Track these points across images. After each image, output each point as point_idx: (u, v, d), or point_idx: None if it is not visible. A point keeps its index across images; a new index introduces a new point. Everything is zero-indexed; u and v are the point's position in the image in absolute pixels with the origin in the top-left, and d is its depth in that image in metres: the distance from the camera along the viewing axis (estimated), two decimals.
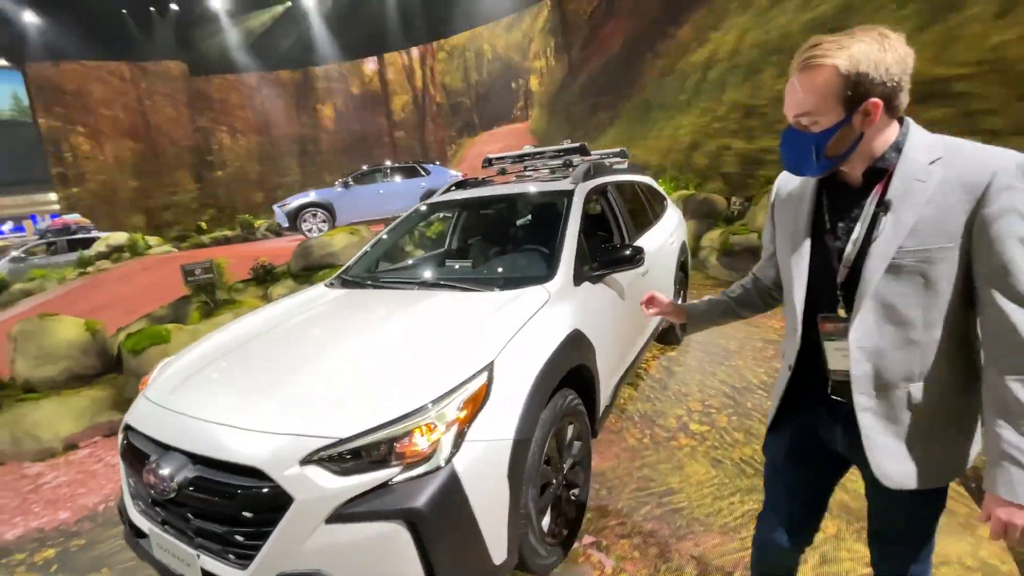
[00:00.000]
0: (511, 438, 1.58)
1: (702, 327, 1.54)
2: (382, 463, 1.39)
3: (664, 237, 3.76)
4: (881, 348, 1.03)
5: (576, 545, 2.11)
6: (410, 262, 3.65)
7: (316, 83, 18.99)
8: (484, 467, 1.50)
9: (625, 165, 3.99)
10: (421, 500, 1.35)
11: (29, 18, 16.16)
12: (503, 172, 3.78)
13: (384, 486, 1.37)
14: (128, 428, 1.74)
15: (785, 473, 1.30)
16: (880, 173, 1.02)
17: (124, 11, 16.93)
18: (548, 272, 2.28)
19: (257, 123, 19.03)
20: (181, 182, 18.29)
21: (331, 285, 2.76)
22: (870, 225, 1.02)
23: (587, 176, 2.97)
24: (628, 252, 2.45)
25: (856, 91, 0.94)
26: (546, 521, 1.90)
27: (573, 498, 2.16)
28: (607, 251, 2.49)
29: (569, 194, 2.74)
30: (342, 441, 1.39)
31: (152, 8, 17.16)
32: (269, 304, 2.76)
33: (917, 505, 1.11)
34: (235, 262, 5.47)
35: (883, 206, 1.00)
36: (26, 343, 3.71)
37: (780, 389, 1.24)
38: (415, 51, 17.98)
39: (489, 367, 1.63)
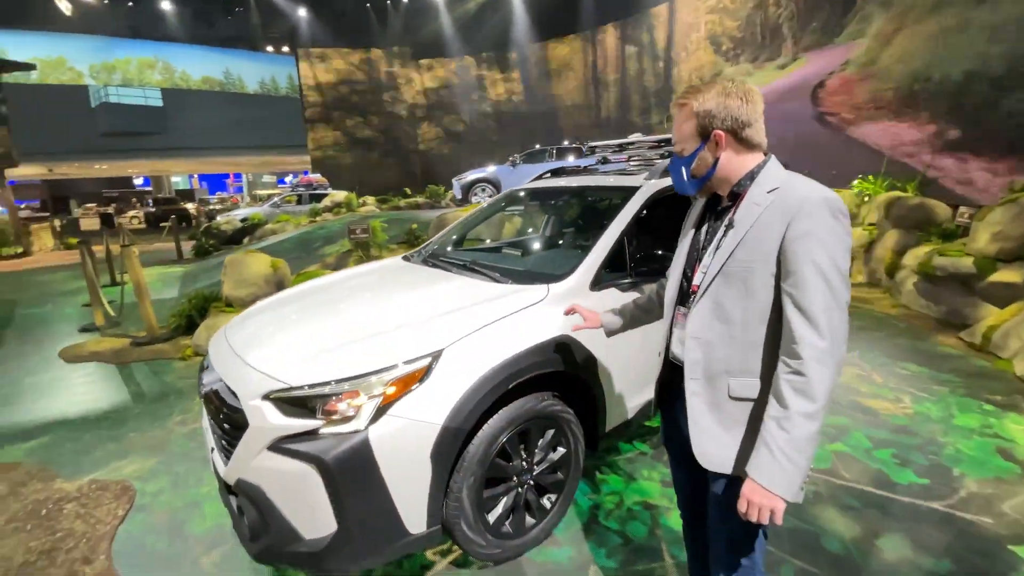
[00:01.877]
0: (439, 423, 1.67)
1: (616, 332, 1.73)
2: (313, 414, 1.63)
3: None
4: (710, 340, 1.20)
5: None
6: (474, 246, 3.82)
7: (513, 63, 20.13)
8: (401, 442, 1.63)
9: None
10: (330, 452, 1.56)
11: (300, 12, 20.63)
12: (604, 161, 3.65)
13: (312, 433, 1.61)
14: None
15: (672, 467, 1.54)
16: (737, 196, 1.21)
17: (368, 4, 20.35)
18: (563, 272, 2.22)
19: (458, 103, 21.11)
20: (394, 152, 21.56)
21: (405, 258, 3.11)
22: (721, 238, 1.21)
23: (665, 174, 2.72)
24: (663, 262, 2.22)
25: (704, 125, 1.19)
26: (495, 515, 1.95)
27: (548, 503, 2.14)
28: (647, 259, 2.29)
29: (630, 192, 2.57)
30: (291, 388, 1.67)
31: (388, 1, 20.29)
32: (357, 267, 3.25)
33: (733, 493, 1.17)
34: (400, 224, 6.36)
35: (729, 224, 1.19)
36: (231, 270, 5.01)
37: (656, 377, 1.44)
38: (613, 27, 17.56)
39: (436, 354, 1.73)
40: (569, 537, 2.17)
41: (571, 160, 10.39)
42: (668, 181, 2.69)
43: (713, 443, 1.21)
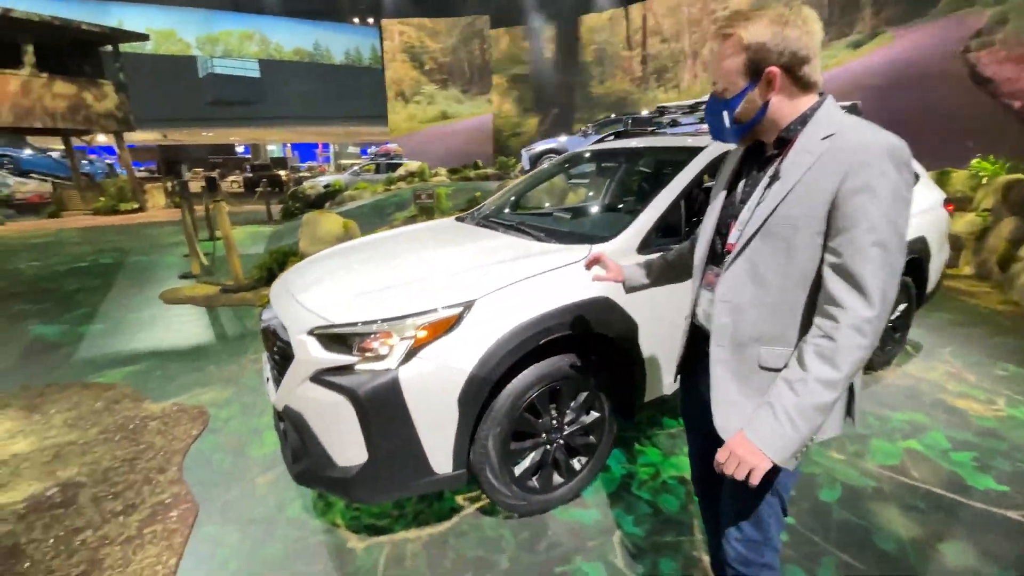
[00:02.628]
0: (467, 370, 1.70)
1: (638, 288, 1.55)
2: (350, 350, 1.71)
3: None
4: (741, 304, 1.08)
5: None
6: (527, 209, 3.76)
7: (584, 32, 19.44)
8: (429, 384, 1.68)
9: None
10: (362, 387, 1.63)
11: None
12: (674, 124, 3.46)
13: (348, 368, 1.70)
14: None
15: (689, 439, 1.48)
16: (785, 143, 1.05)
17: None
18: (609, 234, 2.15)
19: (531, 71, 20.80)
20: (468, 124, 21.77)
21: (459, 219, 3.15)
22: (763, 191, 1.06)
23: None
24: None
25: (756, 60, 1.00)
26: (522, 468, 1.97)
27: (578, 464, 2.13)
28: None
29: (693, 152, 2.42)
30: (332, 325, 1.76)
31: None
32: (413, 225, 3.34)
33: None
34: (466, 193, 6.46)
35: (774, 175, 1.04)
36: (307, 229, 5.36)
37: (681, 342, 1.34)
38: None
39: (468, 304, 1.75)
40: (597, 501, 2.16)
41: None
42: None
43: (736, 415, 1.08)
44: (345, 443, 1.70)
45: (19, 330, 4.54)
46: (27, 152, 21.13)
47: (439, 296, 1.78)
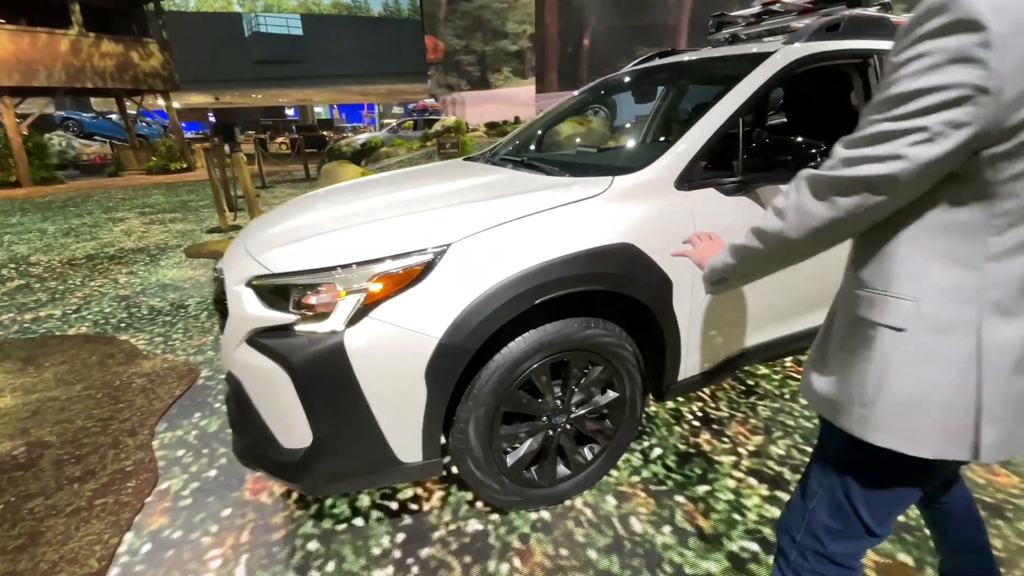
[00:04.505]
0: (436, 336, 1.29)
1: (729, 281, 1.06)
2: (290, 307, 1.33)
3: None
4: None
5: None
6: (552, 146, 3.23)
7: None
8: (385, 352, 1.28)
9: None
10: (297, 353, 1.27)
11: None
12: (735, 40, 2.79)
13: (287, 329, 1.33)
14: None
15: None
16: None
17: None
18: (640, 163, 1.64)
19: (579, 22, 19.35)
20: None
21: (467, 159, 2.70)
22: None
23: (817, 36, 1.93)
24: (797, 155, 1.55)
25: None
26: (517, 457, 1.58)
27: (590, 455, 1.72)
28: (765, 148, 1.62)
29: (757, 60, 1.84)
30: (271, 275, 1.38)
31: None
32: (418, 166, 2.91)
33: (823, 440, 0.91)
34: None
35: None
36: (326, 179, 5.07)
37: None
38: None
39: (440, 250, 1.33)
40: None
41: None
42: (817, 46, 1.90)
43: (816, 373, 0.87)
44: (287, 421, 1.36)
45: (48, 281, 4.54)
46: (89, 115, 22.09)
47: (403, 239, 1.36)
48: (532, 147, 2.67)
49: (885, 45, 2.07)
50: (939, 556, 1.25)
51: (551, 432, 1.62)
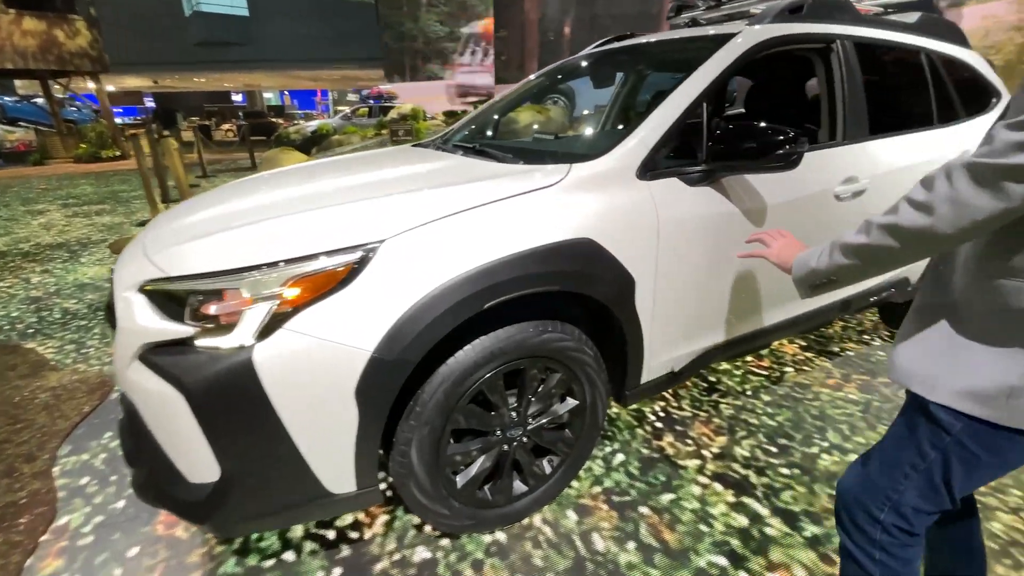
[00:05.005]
0: (367, 349, 1.11)
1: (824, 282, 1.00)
2: (188, 317, 1.12)
3: (944, 151, 2.23)
4: None
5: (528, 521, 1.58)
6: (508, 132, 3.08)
7: None
8: (305, 369, 1.09)
9: (915, 18, 2.37)
10: (194, 373, 1.05)
11: None
12: (695, 24, 2.68)
13: (185, 344, 1.11)
14: None
15: None
16: None
17: None
18: (598, 150, 1.50)
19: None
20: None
21: (416, 145, 2.50)
22: None
23: (780, 18, 1.83)
24: (763, 141, 1.43)
25: None
26: (468, 477, 1.42)
27: (549, 468, 1.59)
28: (730, 135, 1.51)
29: (719, 42, 1.73)
30: (167, 279, 1.16)
31: None
32: (359, 152, 2.68)
33: (904, 407, 0.92)
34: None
35: None
36: (266, 167, 4.71)
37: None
38: None
39: (370, 248, 1.14)
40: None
41: None
42: (780, 28, 1.81)
43: (905, 345, 0.88)
44: (189, 453, 1.15)
45: None
46: (12, 99, 20.24)
47: (327, 234, 1.16)
48: (488, 133, 2.49)
49: (849, 30, 2.01)
50: (930, 555, 1.17)
51: (506, 447, 1.47)
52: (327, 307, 1.09)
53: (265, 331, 1.06)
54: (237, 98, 40.00)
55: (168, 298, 1.16)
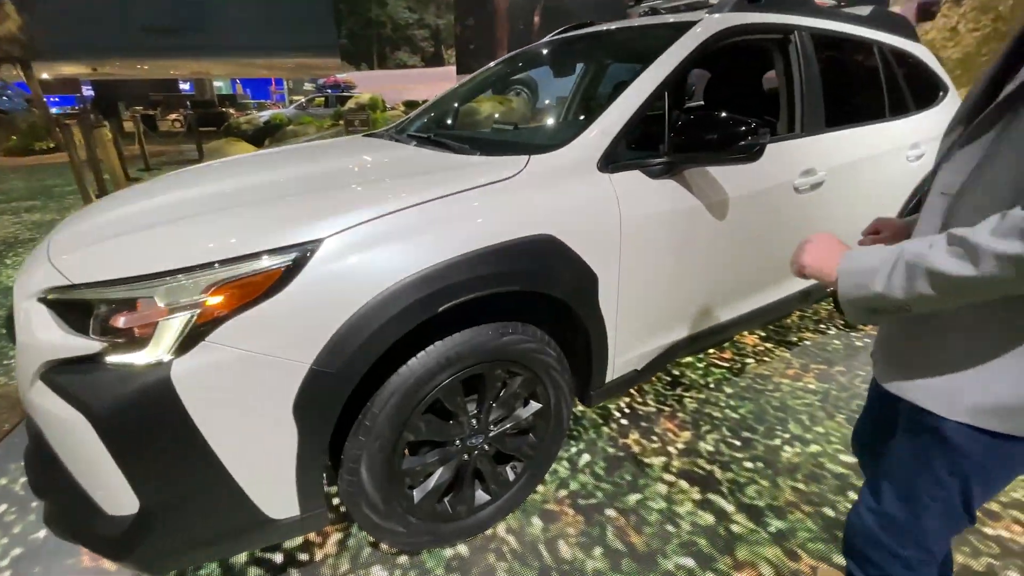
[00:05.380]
0: (305, 362, 1.00)
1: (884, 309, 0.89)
2: (94, 330, 0.98)
3: (897, 144, 2.26)
4: (954, 208, 0.73)
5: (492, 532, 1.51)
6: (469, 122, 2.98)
7: None
8: (233, 387, 0.98)
9: (868, 11, 2.40)
10: (101, 396, 0.93)
11: None
12: (653, 13, 2.63)
13: (93, 361, 0.98)
14: None
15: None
16: None
17: None
18: (557, 141, 1.43)
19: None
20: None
21: (369, 135, 2.36)
22: None
23: (739, 7, 1.80)
24: (725, 132, 1.39)
25: None
26: (426, 490, 1.34)
27: (512, 475, 1.52)
28: (692, 126, 1.46)
29: (679, 30, 1.68)
30: (71, 287, 1.02)
31: None
32: (307, 142, 2.52)
33: (905, 429, 0.84)
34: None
35: None
36: (211, 157, 4.43)
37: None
38: None
39: (307, 248, 1.03)
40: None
41: None
42: (739, 16, 1.77)
43: (898, 351, 0.83)
44: (105, 483, 1.01)
45: None
46: None
47: (257, 234, 1.04)
48: (446, 123, 2.38)
49: (806, 22, 2.00)
50: None
51: (467, 456, 1.39)
52: (257, 316, 0.98)
53: (185, 345, 0.94)
54: (185, 86, 37.97)
55: (73, 309, 1.02)
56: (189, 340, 0.94)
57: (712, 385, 2.28)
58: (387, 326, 1.06)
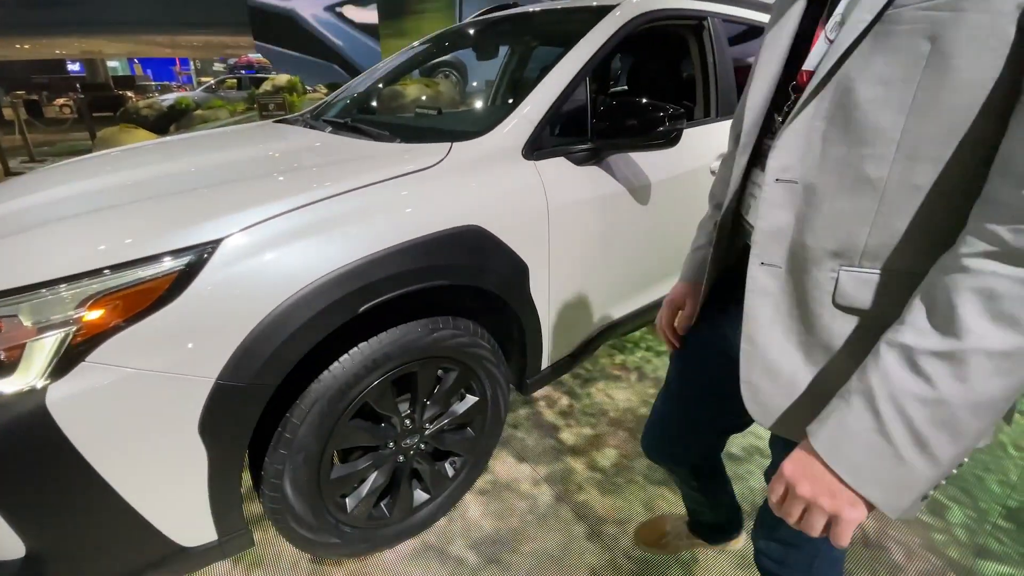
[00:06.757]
0: (209, 376, 0.91)
1: None
2: None
3: None
4: (813, 183, 0.57)
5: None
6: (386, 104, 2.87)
7: None
8: (124, 410, 0.87)
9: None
10: None
11: None
12: None
13: None
14: None
15: (680, 384, 1.00)
16: None
17: None
18: (480, 128, 1.38)
19: None
20: None
21: (280, 121, 2.19)
22: None
23: None
24: (644, 118, 1.41)
25: None
26: (358, 499, 1.28)
27: (452, 471, 1.49)
28: (613, 112, 1.46)
29: (599, 14, 1.67)
30: None
31: None
32: (213, 129, 2.31)
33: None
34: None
35: None
36: (102, 145, 3.99)
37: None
38: None
39: (204, 249, 0.93)
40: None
41: None
42: (657, 2, 1.79)
43: (782, 393, 0.63)
44: None
45: None
46: None
47: (143, 236, 0.93)
48: (365, 107, 2.25)
49: (719, 8, 2.06)
50: (698, 511, 1.29)
51: (402, 457, 1.34)
52: (148, 329, 0.87)
53: (61, 367, 0.82)
54: (73, 67, 33.99)
55: None
56: (65, 362, 0.82)
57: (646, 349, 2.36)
58: (302, 331, 0.98)
